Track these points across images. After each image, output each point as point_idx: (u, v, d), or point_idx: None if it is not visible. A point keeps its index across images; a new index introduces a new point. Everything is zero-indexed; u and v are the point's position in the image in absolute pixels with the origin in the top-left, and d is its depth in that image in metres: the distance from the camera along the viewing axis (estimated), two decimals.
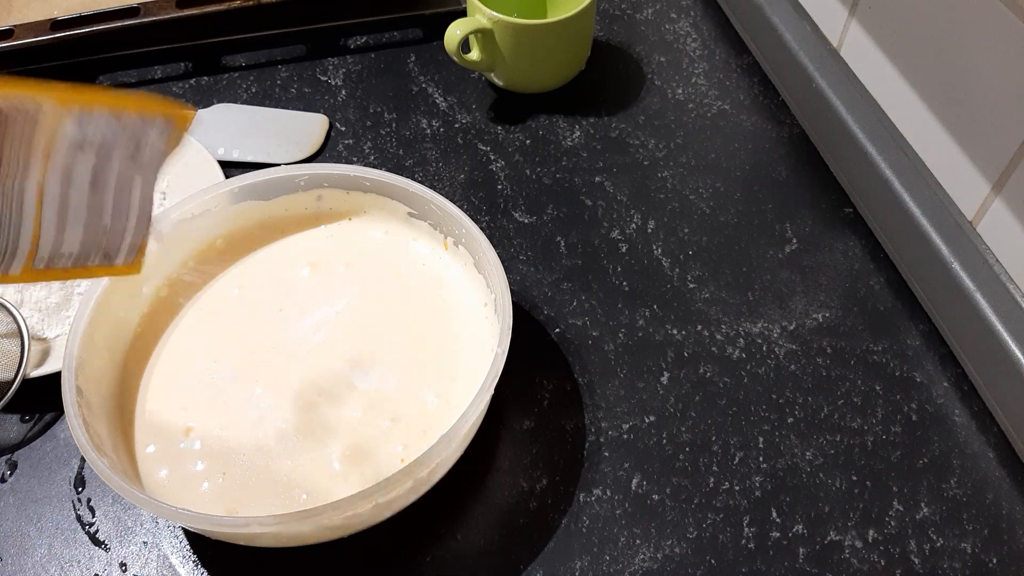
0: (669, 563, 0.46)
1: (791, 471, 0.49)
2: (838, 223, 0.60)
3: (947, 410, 0.52)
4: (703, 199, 0.62)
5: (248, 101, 0.68)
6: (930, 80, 0.54)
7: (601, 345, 0.54)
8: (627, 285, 0.57)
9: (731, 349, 0.54)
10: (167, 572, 0.46)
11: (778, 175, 0.63)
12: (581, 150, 0.65)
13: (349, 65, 0.71)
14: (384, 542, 0.47)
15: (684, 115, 0.67)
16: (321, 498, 0.45)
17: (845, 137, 0.59)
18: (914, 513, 0.48)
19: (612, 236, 0.60)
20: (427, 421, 0.48)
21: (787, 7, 0.66)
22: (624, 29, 0.73)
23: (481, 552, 0.47)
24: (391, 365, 0.50)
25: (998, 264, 0.51)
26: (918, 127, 0.56)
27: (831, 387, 0.52)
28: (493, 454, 0.50)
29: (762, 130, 0.66)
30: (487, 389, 0.44)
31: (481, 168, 0.64)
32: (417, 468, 0.41)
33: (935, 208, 0.54)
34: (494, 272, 0.48)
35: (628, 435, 0.51)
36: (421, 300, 0.53)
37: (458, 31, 0.62)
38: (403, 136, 0.66)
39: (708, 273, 0.58)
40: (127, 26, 0.67)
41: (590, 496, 0.48)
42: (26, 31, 0.66)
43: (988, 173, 0.51)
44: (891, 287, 0.57)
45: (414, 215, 0.54)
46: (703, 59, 0.71)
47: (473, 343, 0.51)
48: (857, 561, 0.46)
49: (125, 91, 0.49)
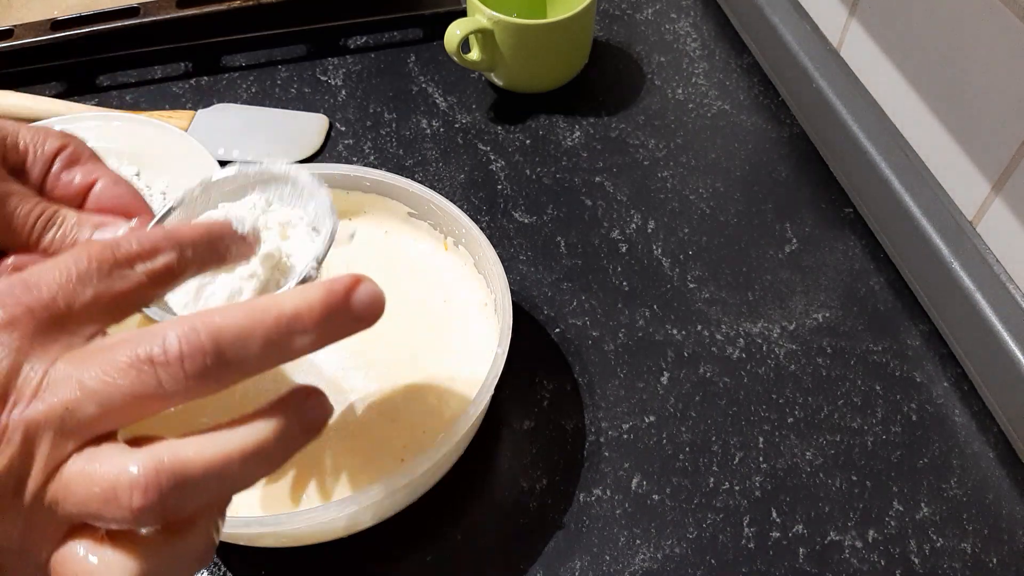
0: (669, 563, 0.46)
1: (791, 471, 0.49)
2: (838, 223, 0.60)
3: (947, 410, 0.52)
4: (703, 199, 0.62)
5: (248, 101, 0.68)
6: (930, 80, 0.54)
7: (601, 345, 0.54)
8: (627, 285, 0.57)
9: (731, 349, 0.54)
10: None
11: (778, 175, 0.63)
12: (581, 150, 0.65)
13: (349, 65, 0.71)
14: (384, 542, 0.47)
15: (684, 115, 0.67)
16: (321, 498, 0.45)
17: (845, 137, 0.59)
18: (914, 513, 0.48)
19: (612, 236, 0.60)
20: (427, 421, 0.48)
21: (787, 7, 0.66)
22: (624, 29, 0.73)
23: (481, 552, 0.47)
24: (391, 365, 0.50)
25: (998, 264, 0.51)
26: (918, 127, 0.56)
27: (831, 387, 0.52)
28: (493, 454, 0.50)
29: (762, 130, 0.66)
30: (487, 389, 0.44)
31: (481, 168, 0.64)
32: (417, 468, 0.41)
33: (935, 208, 0.54)
34: (494, 272, 0.48)
35: (628, 435, 0.51)
36: (421, 300, 0.53)
37: (458, 31, 0.62)
38: (403, 136, 0.66)
39: (708, 273, 0.58)
40: (127, 26, 0.67)
41: (590, 496, 0.48)
42: (26, 31, 0.66)
43: (988, 173, 0.51)
44: (891, 287, 0.57)
45: (414, 215, 0.54)
46: (703, 59, 0.71)
47: (473, 343, 0.51)
48: (857, 561, 0.46)
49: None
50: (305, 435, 0.27)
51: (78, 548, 0.24)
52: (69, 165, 0.36)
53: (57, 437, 0.24)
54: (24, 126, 0.36)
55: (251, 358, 0.25)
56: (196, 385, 0.24)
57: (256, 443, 0.25)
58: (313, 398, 0.27)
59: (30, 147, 0.35)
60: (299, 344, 0.26)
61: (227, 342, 0.24)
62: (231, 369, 0.25)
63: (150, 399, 0.24)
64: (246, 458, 0.25)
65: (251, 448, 0.25)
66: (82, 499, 0.24)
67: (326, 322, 0.26)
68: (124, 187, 0.37)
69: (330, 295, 0.26)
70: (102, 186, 0.36)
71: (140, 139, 0.60)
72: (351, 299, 0.26)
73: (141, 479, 0.23)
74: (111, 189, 0.36)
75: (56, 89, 0.69)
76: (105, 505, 0.23)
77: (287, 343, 0.25)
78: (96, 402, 0.24)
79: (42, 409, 0.24)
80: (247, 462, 0.25)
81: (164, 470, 0.23)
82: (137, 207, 0.37)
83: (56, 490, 0.24)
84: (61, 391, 0.24)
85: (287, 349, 0.26)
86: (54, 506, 0.24)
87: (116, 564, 0.24)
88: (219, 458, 0.24)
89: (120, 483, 0.23)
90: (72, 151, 0.36)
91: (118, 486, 0.23)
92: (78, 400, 0.24)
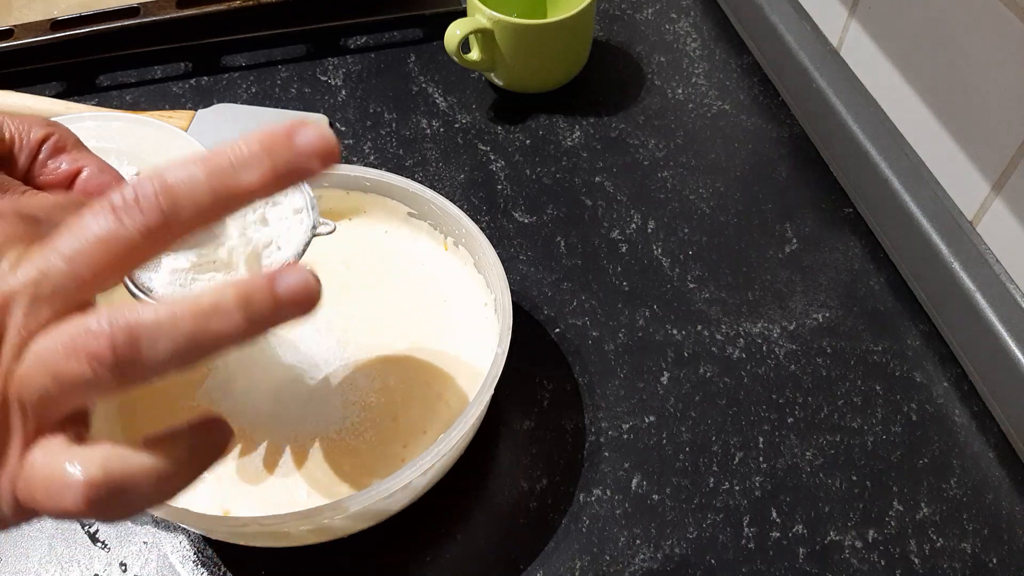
0: (669, 563, 0.46)
1: (791, 471, 0.49)
2: (838, 223, 0.60)
3: (947, 410, 0.52)
4: (703, 199, 0.62)
5: (248, 101, 0.68)
6: (930, 80, 0.54)
7: (601, 345, 0.54)
8: (627, 285, 0.57)
9: (731, 349, 0.54)
10: (167, 572, 0.46)
11: (778, 175, 0.63)
12: (581, 150, 0.65)
13: (349, 65, 0.71)
14: (384, 542, 0.47)
15: (684, 115, 0.67)
16: (321, 498, 0.45)
17: (845, 137, 0.59)
18: (914, 513, 0.48)
19: (612, 236, 0.60)
20: (427, 421, 0.48)
21: (787, 7, 0.66)
22: (624, 29, 0.73)
23: (481, 552, 0.47)
24: (391, 365, 0.50)
25: (998, 264, 0.51)
26: (918, 127, 0.56)
27: (831, 387, 0.52)
28: (493, 454, 0.50)
29: (762, 130, 0.66)
30: (487, 389, 0.44)
31: (481, 168, 0.64)
32: (417, 468, 0.41)
33: (935, 208, 0.54)
34: (494, 272, 0.48)
35: (628, 435, 0.51)
36: (421, 300, 0.53)
37: (458, 31, 0.62)
38: (403, 136, 0.66)
39: (708, 273, 0.58)
40: (127, 26, 0.67)
41: (590, 496, 0.48)
42: (26, 31, 0.66)
43: (988, 173, 0.51)
44: (891, 287, 0.57)
45: (414, 215, 0.54)
46: (703, 59, 0.71)
47: (473, 343, 0.51)
48: (857, 561, 0.46)
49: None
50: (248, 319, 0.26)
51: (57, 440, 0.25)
52: (55, 153, 0.36)
53: (32, 303, 0.24)
54: (8, 115, 0.36)
55: (202, 198, 0.25)
56: (155, 224, 0.25)
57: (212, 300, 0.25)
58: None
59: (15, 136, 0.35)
60: (246, 181, 0.26)
61: (175, 183, 0.25)
62: (183, 211, 0.25)
63: (115, 243, 0.25)
64: (201, 312, 0.25)
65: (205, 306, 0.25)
66: (49, 364, 0.24)
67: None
68: (110, 174, 0.37)
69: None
70: (88, 174, 0.37)
71: (140, 139, 0.60)
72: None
73: (106, 330, 0.24)
74: (97, 177, 0.37)
75: (56, 89, 0.69)
76: (69, 360, 0.24)
77: (234, 186, 0.26)
78: (64, 257, 0.25)
79: (16, 279, 0.25)
80: (203, 316, 0.25)
81: (120, 323, 0.24)
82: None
83: (23, 371, 0.24)
84: (36, 261, 0.25)
85: (234, 191, 0.26)
86: (23, 387, 0.24)
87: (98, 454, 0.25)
88: (171, 313, 0.25)
89: (79, 338, 0.24)
90: (58, 139, 0.36)
91: (77, 340, 0.24)
92: (48, 261, 0.25)
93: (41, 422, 0.25)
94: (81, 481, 0.24)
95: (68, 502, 0.24)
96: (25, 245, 0.26)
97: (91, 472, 0.24)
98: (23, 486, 0.25)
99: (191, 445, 0.26)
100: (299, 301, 0.25)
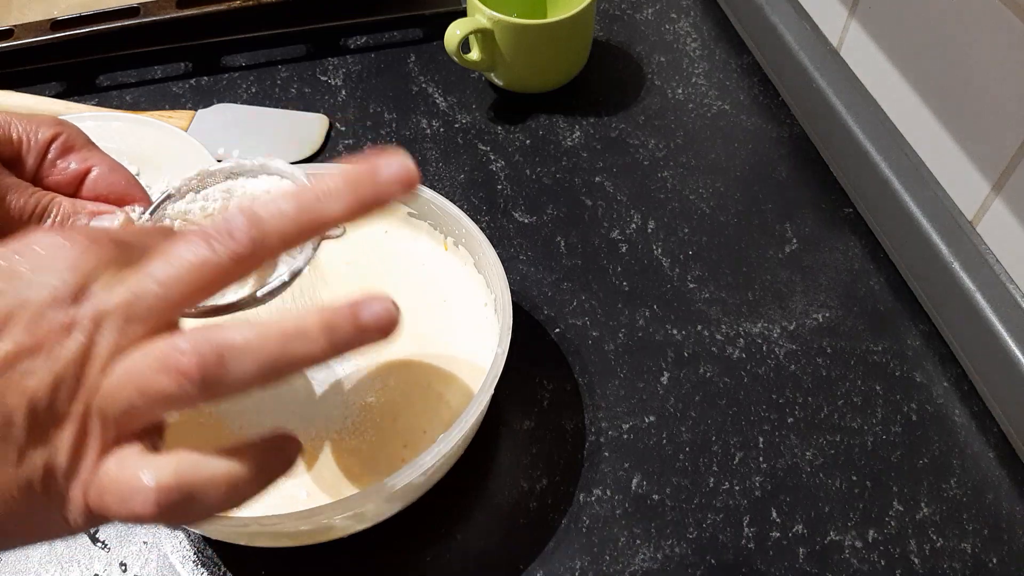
0: (669, 563, 0.46)
1: (791, 471, 0.49)
2: (838, 223, 0.60)
3: (947, 410, 0.52)
4: (703, 199, 0.62)
5: (248, 101, 0.68)
6: (930, 80, 0.54)
7: (601, 345, 0.54)
8: (627, 285, 0.57)
9: (731, 349, 0.54)
10: (167, 572, 0.46)
11: (778, 175, 0.63)
12: (581, 150, 0.65)
13: (349, 65, 0.71)
14: (384, 542, 0.47)
15: (684, 115, 0.67)
16: (321, 498, 0.45)
17: (845, 137, 0.59)
18: (914, 513, 0.48)
19: (612, 236, 0.60)
20: (427, 421, 0.48)
21: (787, 7, 0.66)
22: (624, 29, 0.73)
23: (481, 552, 0.47)
24: (391, 365, 0.50)
25: (998, 264, 0.51)
26: (918, 127, 0.56)
27: (831, 387, 0.52)
28: (493, 454, 0.50)
29: (762, 130, 0.66)
30: (487, 389, 0.44)
31: (481, 168, 0.64)
32: (417, 468, 0.41)
33: (935, 208, 0.54)
34: (494, 272, 0.48)
35: (628, 435, 0.51)
36: (421, 300, 0.53)
37: (458, 31, 0.62)
38: (403, 136, 0.66)
39: (708, 273, 0.58)
40: (127, 26, 0.67)
41: (590, 496, 0.48)
42: (26, 31, 0.66)
43: (988, 173, 0.51)
44: (891, 287, 0.57)
45: (414, 215, 0.54)
46: (703, 59, 0.71)
47: (473, 343, 0.51)
48: (857, 561, 0.46)
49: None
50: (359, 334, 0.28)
51: (132, 450, 0.26)
52: (64, 153, 0.36)
53: (124, 323, 0.26)
54: (15, 116, 0.35)
55: (290, 225, 0.27)
56: (244, 251, 0.26)
57: (296, 326, 0.26)
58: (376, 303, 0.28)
59: (23, 137, 0.35)
60: (331, 209, 0.27)
61: (265, 214, 0.27)
62: (269, 238, 0.27)
63: (206, 268, 0.26)
64: (287, 336, 0.26)
65: (291, 329, 0.26)
66: (136, 379, 0.25)
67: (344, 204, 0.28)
68: (120, 173, 0.37)
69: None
70: (98, 173, 0.36)
71: (140, 139, 0.60)
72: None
73: (195, 349, 0.25)
74: (107, 176, 0.37)
75: (56, 89, 0.69)
76: (157, 375, 0.25)
77: (319, 216, 0.28)
78: (158, 281, 0.26)
79: (111, 299, 0.26)
80: (287, 339, 0.26)
81: (211, 343, 0.25)
82: (133, 194, 0.37)
83: (109, 385, 0.25)
84: (130, 283, 0.26)
85: (320, 218, 0.28)
86: (107, 400, 0.25)
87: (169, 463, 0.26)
88: (259, 335, 0.26)
89: (170, 356, 0.25)
90: (66, 138, 0.36)
91: (168, 358, 0.25)
92: (141, 284, 0.26)
93: (120, 433, 0.26)
94: (152, 487, 0.25)
95: (139, 507, 0.25)
96: (118, 268, 0.27)
97: (163, 478, 0.25)
98: (95, 493, 0.25)
99: (262, 457, 0.27)
100: (382, 327, 0.27)
